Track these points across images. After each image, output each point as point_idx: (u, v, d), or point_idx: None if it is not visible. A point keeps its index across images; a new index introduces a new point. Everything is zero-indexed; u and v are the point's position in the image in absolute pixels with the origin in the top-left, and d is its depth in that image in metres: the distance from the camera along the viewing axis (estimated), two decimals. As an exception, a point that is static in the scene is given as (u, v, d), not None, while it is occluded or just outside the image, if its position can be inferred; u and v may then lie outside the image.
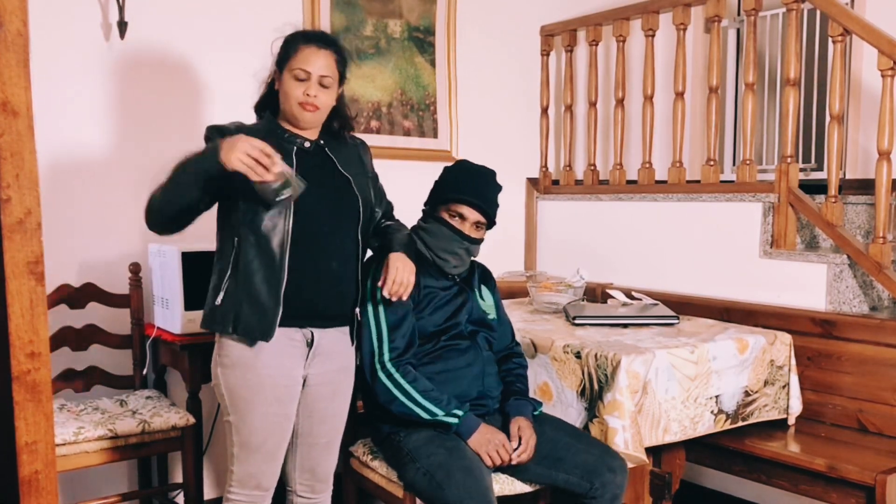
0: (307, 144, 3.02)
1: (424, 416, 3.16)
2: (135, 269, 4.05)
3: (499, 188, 3.48)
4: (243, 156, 2.65)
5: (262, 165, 2.66)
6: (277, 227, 2.86)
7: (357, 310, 3.17)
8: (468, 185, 3.41)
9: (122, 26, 4.01)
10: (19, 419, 1.99)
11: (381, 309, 3.22)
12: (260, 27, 4.49)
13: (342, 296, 3.05)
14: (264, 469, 2.99)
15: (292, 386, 3.00)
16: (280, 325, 2.90)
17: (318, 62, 2.95)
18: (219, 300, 2.93)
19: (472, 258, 3.51)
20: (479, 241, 3.43)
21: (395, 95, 5.08)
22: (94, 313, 4.05)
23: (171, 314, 3.87)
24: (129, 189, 4.16)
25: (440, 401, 3.18)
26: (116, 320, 4.11)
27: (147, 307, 4.13)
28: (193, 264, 3.78)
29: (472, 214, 3.36)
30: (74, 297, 3.99)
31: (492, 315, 3.53)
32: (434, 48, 5.23)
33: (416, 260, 3.18)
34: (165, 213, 2.93)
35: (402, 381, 3.18)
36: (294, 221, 2.87)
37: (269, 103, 3.11)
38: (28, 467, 2.01)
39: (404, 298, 3.10)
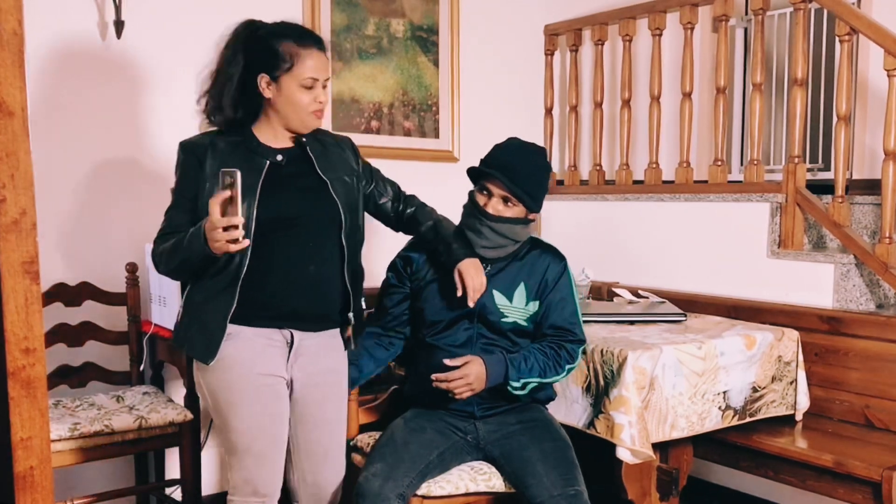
0: (279, 158, 2.93)
1: None
2: (131, 268, 4.06)
3: (542, 166, 3.29)
4: (223, 245, 2.62)
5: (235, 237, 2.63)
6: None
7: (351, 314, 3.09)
8: (497, 158, 3.24)
9: (119, 25, 4.01)
10: (14, 415, 1.99)
11: None
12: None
13: (322, 298, 2.99)
14: (257, 474, 2.95)
15: (274, 384, 2.94)
16: (257, 326, 2.89)
17: (321, 66, 2.91)
18: (178, 319, 3.00)
19: (516, 240, 3.26)
20: (508, 221, 3.20)
21: (397, 96, 5.07)
22: (91, 311, 4.06)
23: (168, 311, 3.87)
24: (126, 189, 4.18)
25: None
26: (113, 317, 4.12)
27: (144, 305, 4.13)
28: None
29: (497, 188, 3.17)
30: (70, 294, 3.99)
31: (511, 319, 3.28)
32: (437, 48, 5.21)
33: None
34: (173, 273, 2.98)
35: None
36: (269, 228, 2.84)
37: (245, 106, 2.99)
38: (23, 463, 2.01)
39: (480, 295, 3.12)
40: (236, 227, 2.59)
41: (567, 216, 5.53)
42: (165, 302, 3.90)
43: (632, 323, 3.99)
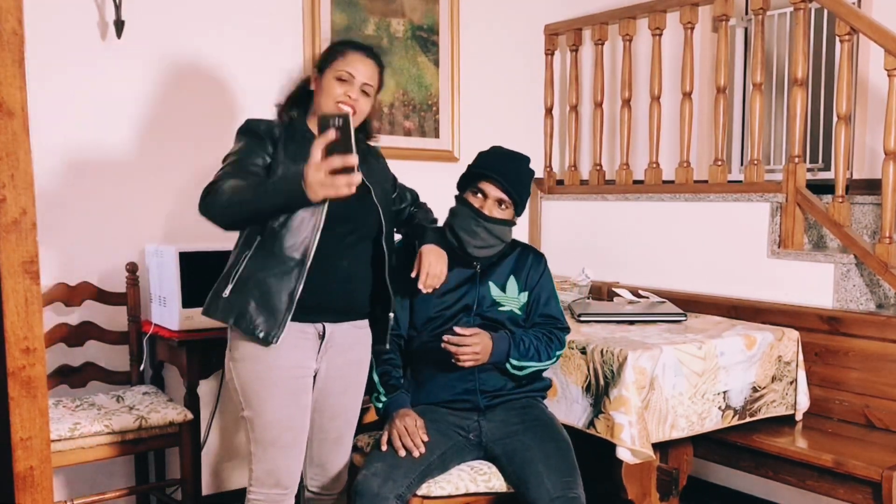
0: None
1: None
2: (132, 268, 4.06)
3: (529, 172, 3.44)
4: (331, 190, 2.57)
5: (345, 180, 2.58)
6: (305, 230, 2.87)
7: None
8: (491, 162, 3.38)
9: (119, 25, 4.00)
10: (14, 415, 1.99)
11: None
12: (258, 26, 4.52)
13: (353, 293, 3.07)
14: (282, 465, 2.98)
15: (305, 377, 3.00)
16: (291, 321, 2.90)
17: (363, 69, 2.99)
18: (227, 292, 2.93)
19: (503, 241, 3.39)
20: (501, 222, 3.33)
21: (397, 96, 5.06)
22: (91, 311, 4.06)
23: (168, 312, 3.88)
24: (126, 189, 4.17)
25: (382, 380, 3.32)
26: (113, 318, 4.11)
27: (144, 305, 4.13)
28: (191, 264, 3.81)
29: (493, 191, 3.30)
30: (70, 295, 3.99)
31: (507, 307, 3.41)
32: (437, 47, 5.21)
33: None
34: (230, 217, 2.85)
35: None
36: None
37: (299, 103, 3.11)
38: (23, 463, 2.02)
39: (437, 288, 3.15)
40: (352, 168, 2.55)
41: (567, 216, 5.53)
42: (165, 302, 3.90)
43: (632, 323, 4.00)
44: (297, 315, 2.91)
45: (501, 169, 3.34)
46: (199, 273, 3.78)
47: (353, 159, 2.54)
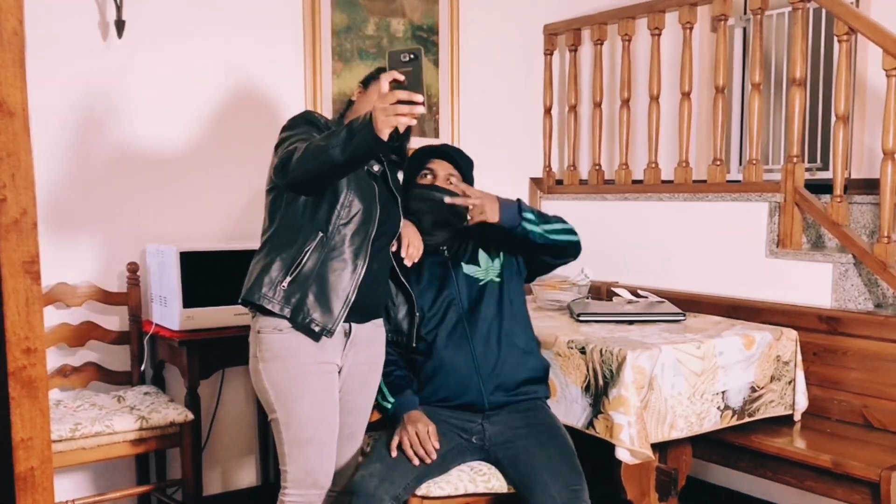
0: (376, 168, 3.12)
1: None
2: (132, 268, 4.07)
3: (467, 155, 3.56)
4: (393, 120, 2.57)
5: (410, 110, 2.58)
6: (361, 232, 2.99)
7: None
8: (432, 148, 3.53)
9: (120, 25, 4.00)
10: (15, 415, 2.00)
11: None
12: (258, 26, 4.52)
13: (378, 294, 3.17)
14: (318, 465, 3.00)
15: (332, 373, 3.05)
16: None
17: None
18: (285, 283, 2.94)
19: (461, 216, 3.38)
20: (450, 193, 3.35)
21: (397, 95, 5.05)
22: (92, 311, 4.07)
23: (169, 311, 3.89)
24: (127, 188, 4.18)
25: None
26: (114, 317, 4.13)
27: (145, 305, 4.14)
28: (192, 263, 3.82)
29: (442, 166, 3.42)
30: (71, 294, 4.00)
31: (487, 279, 3.46)
32: (437, 48, 5.21)
33: None
34: (309, 168, 2.78)
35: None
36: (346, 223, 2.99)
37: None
38: (24, 464, 2.02)
39: (416, 261, 3.30)
40: (419, 103, 2.56)
41: (566, 215, 5.45)
42: (166, 301, 3.90)
43: (631, 323, 4.00)
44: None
45: (443, 148, 3.52)
46: (200, 273, 3.80)
47: (419, 97, 2.56)
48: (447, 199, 3.26)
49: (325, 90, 4.73)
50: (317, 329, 2.92)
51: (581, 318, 4.01)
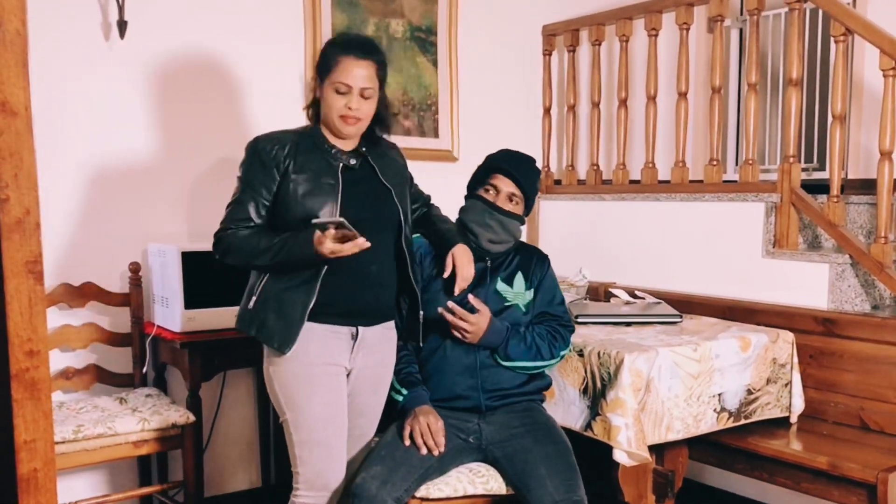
0: (353, 162, 3.08)
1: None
2: (134, 268, 4.07)
3: (536, 171, 3.53)
4: (340, 255, 2.79)
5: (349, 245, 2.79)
6: None
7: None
8: (502, 158, 3.48)
9: (122, 26, 4.00)
10: (18, 417, 1.99)
11: None
12: (260, 26, 4.52)
13: (380, 296, 3.14)
14: (328, 467, 3.02)
15: (339, 374, 3.06)
16: (324, 323, 2.98)
17: (358, 73, 2.97)
18: (251, 304, 3.02)
19: (515, 238, 3.47)
20: (513, 216, 3.40)
21: (397, 96, 5.05)
22: (94, 312, 4.07)
23: (171, 313, 3.89)
24: (129, 189, 4.18)
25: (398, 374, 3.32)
26: (116, 319, 4.13)
27: (147, 306, 4.14)
28: (193, 263, 3.81)
29: (505, 184, 3.39)
30: (74, 295, 3.99)
31: (514, 302, 3.43)
32: (436, 48, 5.22)
33: None
34: (245, 265, 3.04)
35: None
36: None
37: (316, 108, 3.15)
38: (27, 465, 2.02)
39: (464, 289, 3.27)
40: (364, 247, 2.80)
41: (564, 216, 5.54)
42: (168, 303, 3.90)
43: (629, 324, 4.00)
44: (331, 319, 3.00)
45: (513, 164, 3.44)
46: (201, 273, 3.79)
47: (361, 239, 2.78)
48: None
49: (325, 90, 4.72)
50: (276, 345, 2.95)
51: (579, 321, 4.01)
